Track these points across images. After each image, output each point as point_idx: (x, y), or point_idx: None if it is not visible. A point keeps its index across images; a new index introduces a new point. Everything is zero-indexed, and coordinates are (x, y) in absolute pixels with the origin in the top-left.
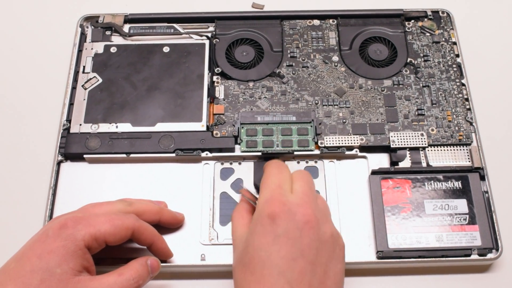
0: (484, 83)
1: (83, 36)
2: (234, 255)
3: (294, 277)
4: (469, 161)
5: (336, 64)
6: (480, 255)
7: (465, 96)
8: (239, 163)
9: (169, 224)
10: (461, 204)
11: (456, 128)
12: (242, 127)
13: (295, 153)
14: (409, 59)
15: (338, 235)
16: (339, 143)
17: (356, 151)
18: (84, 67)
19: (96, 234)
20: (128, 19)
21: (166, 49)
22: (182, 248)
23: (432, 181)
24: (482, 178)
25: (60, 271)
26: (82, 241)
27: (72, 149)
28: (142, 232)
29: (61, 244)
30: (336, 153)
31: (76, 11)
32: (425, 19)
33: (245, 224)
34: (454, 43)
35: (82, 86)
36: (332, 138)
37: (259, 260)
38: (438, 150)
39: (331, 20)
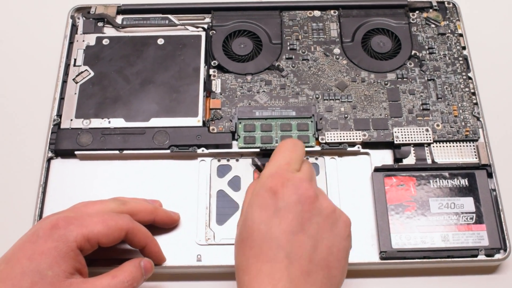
0: (491, 76)
1: (74, 27)
2: (237, 229)
3: (293, 252)
4: (476, 158)
5: (337, 56)
6: (487, 255)
7: (472, 90)
8: (237, 160)
9: (164, 224)
10: (468, 203)
11: (463, 123)
12: (240, 123)
13: None
14: (413, 52)
15: (341, 212)
16: (340, 139)
17: (359, 148)
18: (75, 60)
19: (89, 235)
20: (121, 10)
21: (160, 41)
22: (178, 248)
23: (437, 179)
24: (490, 175)
25: (51, 273)
26: (74, 242)
27: (62, 145)
28: (135, 233)
29: (53, 245)
30: (338, 150)
31: (66, 2)
32: (430, 10)
33: None
34: (461, 35)
35: (73, 79)
36: (334, 134)
37: (259, 234)
38: (443, 146)
39: (332, 11)
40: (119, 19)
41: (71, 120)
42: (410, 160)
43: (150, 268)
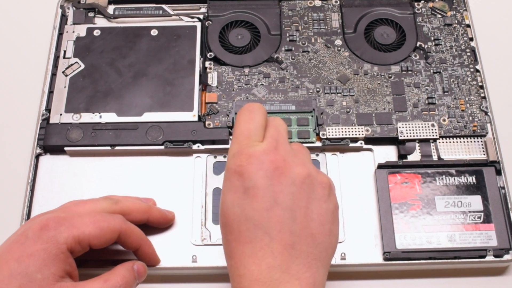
0: (500, 69)
1: (63, 18)
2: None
3: (272, 227)
4: (484, 154)
5: (339, 48)
6: (496, 256)
7: (480, 83)
8: None
9: (158, 224)
10: (476, 201)
11: (470, 118)
12: None
13: None
14: (418, 43)
15: (318, 173)
16: (342, 135)
17: (361, 143)
18: (65, 51)
19: (80, 237)
20: (113, 0)
21: (154, 32)
22: (172, 249)
23: (443, 176)
24: (498, 172)
25: (40, 276)
26: (64, 244)
27: (51, 141)
28: (129, 235)
29: (42, 247)
30: (339, 146)
31: None
32: (436, 0)
33: None
34: (468, 26)
35: (63, 72)
36: (335, 129)
37: (234, 217)
38: (450, 142)
39: (333, 1)
40: (110, 9)
41: (61, 114)
42: (415, 157)
43: (143, 272)
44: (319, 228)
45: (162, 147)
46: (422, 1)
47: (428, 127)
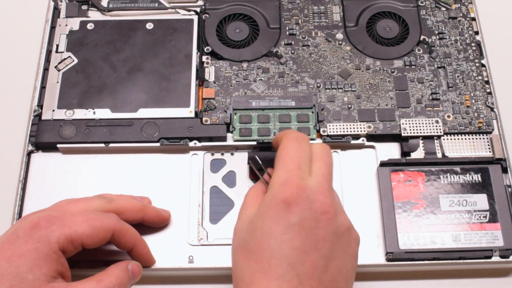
0: (506, 63)
1: (56, 11)
2: (236, 236)
3: (304, 271)
4: (489, 152)
5: (340, 42)
6: (502, 257)
7: (485, 79)
8: (232, 154)
9: (153, 223)
10: (481, 200)
11: (475, 114)
12: (235, 113)
13: None
14: (422, 37)
15: (353, 229)
16: (343, 131)
17: (363, 140)
18: (57, 46)
19: (72, 236)
20: None
21: (149, 26)
22: (168, 249)
23: (448, 174)
24: (505, 170)
25: (31, 277)
26: (56, 243)
27: (44, 138)
28: (123, 234)
29: (33, 246)
30: (341, 143)
31: None
32: None
33: (257, 205)
34: (473, 19)
35: (55, 67)
36: (336, 125)
37: (268, 248)
38: (455, 139)
39: None
40: (104, 1)
41: (53, 110)
42: (418, 154)
43: (138, 272)
44: (344, 283)
45: (158, 144)
46: None
47: (432, 123)
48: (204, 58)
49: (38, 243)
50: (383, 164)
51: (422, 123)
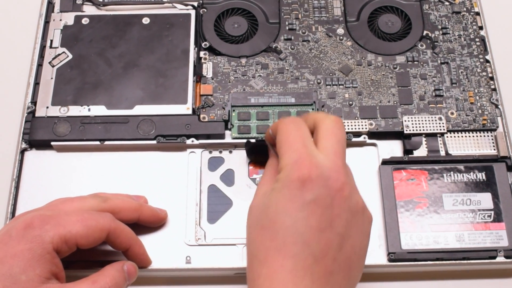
0: (511, 59)
1: (50, 5)
2: (251, 213)
3: (319, 249)
4: (494, 149)
5: (341, 37)
6: (507, 257)
7: (490, 75)
8: (230, 152)
9: (149, 223)
10: (485, 199)
11: (480, 111)
12: (233, 110)
13: None
14: (425, 32)
15: (367, 208)
16: (345, 129)
17: (365, 138)
18: (51, 41)
19: (67, 236)
20: None
21: (145, 21)
22: (165, 249)
23: (451, 172)
24: (510, 168)
25: (25, 278)
26: (50, 243)
27: (37, 135)
28: (118, 234)
29: (27, 247)
30: None
31: None
32: None
33: (274, 182)
34: (477, 14)
35: (49, 63)
36: None
37: (283, 226)
38: (458, 136)
39: None
40: None
41: (47, 107)
42: (421, 152)
43: (134, 272)
44: (357, 262)
45: (154, 141)
46: None
47: (435, 120)
48: (201, 53)
49: (32, 243)
50: (385, 162)
51: (425, 120)
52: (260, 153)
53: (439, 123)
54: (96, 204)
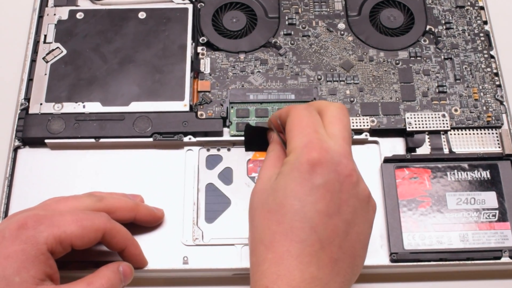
0: None
1: None
2: (256, 197)
3: (326, 235)
4: (499, 147)
5: (342, 32)
6: None
7: (495, 70)
8: (228, 149)
9: (146, 222)
10: (490, 198)
11: (484, 108)
12: (232, 107)
13: None
14: (428, 27)
15: (371, 196)
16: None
17: (366, 135)
18: (45, 36)
19: (61, 237)
20: None
21: (142, 15)
22: (161, 249)
23: (455, 171)
24: None
25: (19, 279)
26: (44, 244)
27: (31, 132)
28: (114, 235)
29: (20, 247)
30: None
31: None
32: None
33: (279, 167)
34: (482, 8)
35: (43, 58)
36: None
37: (291, 210)
38: (462, 134)
39: None
40: None
41: (41, 104)
42: (424, 150)
43: (129, 273)
44: (361, 250)
45: (151, 139)
46: None
47: (439, 117)
48: (199, 49)
49: (26, 244)
50: (387, 160)
51: (428, 117)
52: (258, 138)
53: (443, 120)
54: (91, 203)
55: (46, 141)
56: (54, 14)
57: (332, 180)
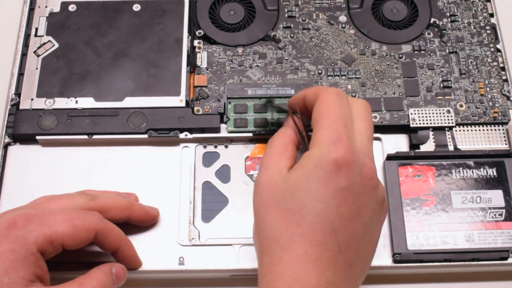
0: None
1: None
2: (267, 190)
3: (345, 239)
4: (505, 144)
5: (343, 25)
6: None
7: (501, 65)
8: (226, 146)
9: (140, 222)
10: (496, 196)
11: (490, 103)
12: (229, 103)
13: None
14: (432, 20)
15: (386, 199)
16: None
17: None
18: (36, 29)
19: (52, 236)
20: None
21: (136, 8)
22: (156, 250)
23: (460, 168)
24: None
25: (7, 280)
26: (34, 244)
27: (22, 129)
28: (107, 235)
29: (9, 247)
30: None
31: None
32: None
33: (288, 158)
34: (488, 0)
35: (34, 52)
36: None
37: (312, 211)
38: (468, 130)
39: None
40: None
41: (32, 99)
42: (428, 147)
43: (122, 275)
44: (372, 253)
45: (146, 136)
46: None
47: (443, 113)
48: (195, 42)
49: (15, 243)
50: (390, 158)
51: (433, 113)
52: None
53: (447, 116)
54: (84, 202)
55: (37, 137)
56: (46, 6)
57: (356, 182)
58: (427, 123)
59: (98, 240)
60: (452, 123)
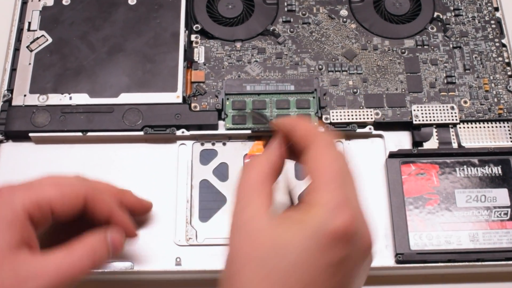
0: None
1: None
2: (249, 239)
3: None
4: (511, 141)
5: (344, 19)
6: None
7: (506, 60)
8: (224, 144)
9: (133, 210)
10: (501, 195)
11: (495, 99)
12: (227, 99)
13: None
14: (436, 14)
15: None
16: (348, 119)
17: (370, 129)
18: (29, 23)
19: (39, 199)
20: None
21: (132, 1)
22: (153, 250)
23: (464, 166)
24: None
25: None
26: (21, 209)
27: (14, 126)
28: (96, 202)
29: None
30: (345, 131)
31: None
32: None
33: (268, 195)
34: None
35: (27, 47)
36: (340, 112)
37: (299, 282)
38: (472, 127)
39: None
40: None
41: (25, 95)
42: (432, 144)
43: (119, 243)
44: None
45: (142, 133)
46: None
47: (447, 110)
48: (193, 37)
49: (0, 209)
50: (392, 155)
51: (436, 110)
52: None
53: (451, 113)
54: (75, 178)
55: (30, 134)
56: (39, 0)
57: (352, 255)
58: (430, 120)
59: (88, 208)
60: (456, 120)
